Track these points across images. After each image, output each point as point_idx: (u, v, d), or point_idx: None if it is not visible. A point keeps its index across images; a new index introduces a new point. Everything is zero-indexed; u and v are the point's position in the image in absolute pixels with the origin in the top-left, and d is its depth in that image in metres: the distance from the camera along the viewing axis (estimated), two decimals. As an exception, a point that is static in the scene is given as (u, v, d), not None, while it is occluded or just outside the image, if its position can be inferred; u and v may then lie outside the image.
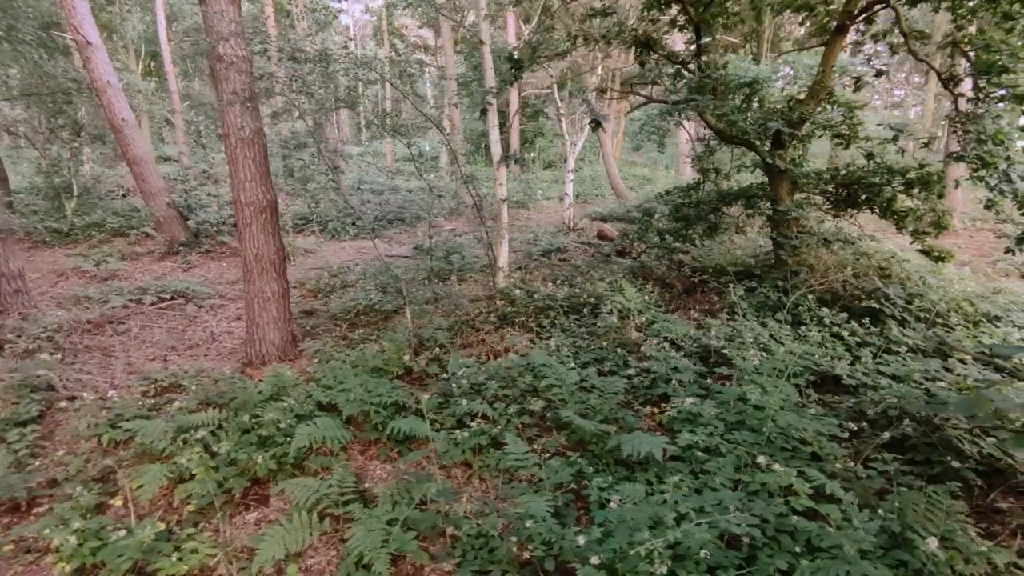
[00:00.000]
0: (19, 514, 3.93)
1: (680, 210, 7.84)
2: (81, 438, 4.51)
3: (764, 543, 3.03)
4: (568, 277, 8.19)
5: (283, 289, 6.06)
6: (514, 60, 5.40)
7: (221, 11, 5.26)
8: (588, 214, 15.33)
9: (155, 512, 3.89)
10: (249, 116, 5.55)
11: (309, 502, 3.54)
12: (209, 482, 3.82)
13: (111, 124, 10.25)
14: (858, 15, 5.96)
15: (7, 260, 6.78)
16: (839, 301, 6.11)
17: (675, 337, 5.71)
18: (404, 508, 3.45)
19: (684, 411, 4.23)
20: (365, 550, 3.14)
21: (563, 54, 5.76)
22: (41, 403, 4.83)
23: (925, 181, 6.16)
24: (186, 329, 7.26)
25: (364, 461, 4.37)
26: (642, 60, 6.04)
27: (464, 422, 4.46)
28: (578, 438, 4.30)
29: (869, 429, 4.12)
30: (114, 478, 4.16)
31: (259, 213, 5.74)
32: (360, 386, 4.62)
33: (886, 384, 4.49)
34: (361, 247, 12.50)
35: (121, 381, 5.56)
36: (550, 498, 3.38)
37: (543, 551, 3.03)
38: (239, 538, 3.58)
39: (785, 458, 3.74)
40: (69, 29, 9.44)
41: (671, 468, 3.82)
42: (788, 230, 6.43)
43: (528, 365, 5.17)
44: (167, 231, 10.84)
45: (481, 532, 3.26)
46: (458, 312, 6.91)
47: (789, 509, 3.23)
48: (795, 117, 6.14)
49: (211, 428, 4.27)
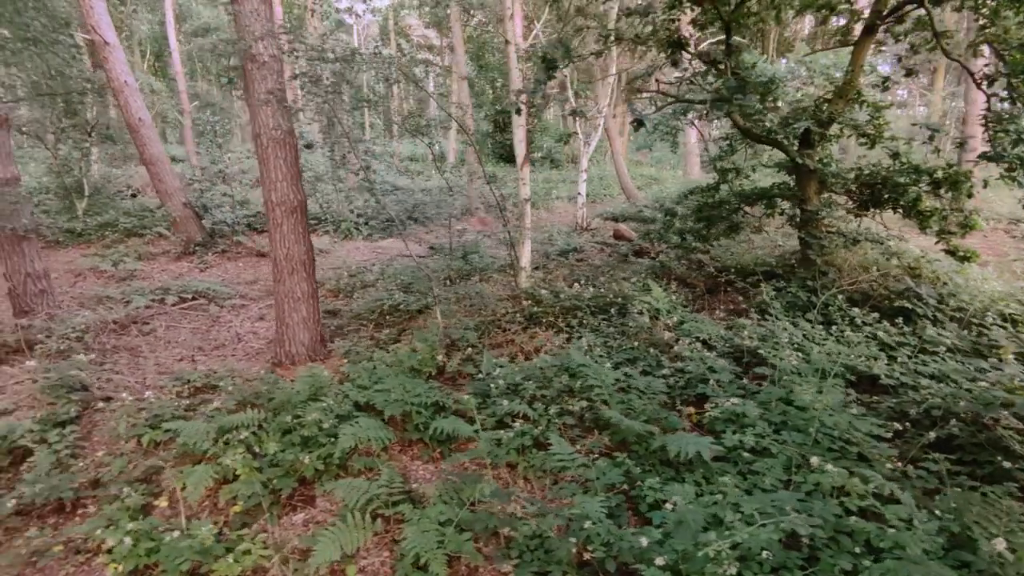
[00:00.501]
0: (64, 515, 3.93)
1: (703, 210, 7.83)
2: (121, 439, 4.50)
3: (824, 543, 3.03)
4: (590, 277, 8.18)
5: (312, 289, 6.05)
6: (547, 60, 5.40)
7: (255, 11, 5.25)
8: (599, 214, 15.33)
9: (200, 513, 3.89)
10: (281, 116, 5.54)
11: (360, 503, 3.52)
12: (255, 483, 3.82)
13: (128, 124, 10.24)
14: (888, 15, 5.96)
15: (32, 260, 6.78)
16: (868, 301, 6.10)
17: (706, 337, 5.70)
18: (456, 509, 3.44)
19: (727, 411, 4.22)
20: (421, 551, 3.13)
21: (598, 53, 5.75)
22: (78, 404, 4.82)
23: (954, 181, 6.15)
24: (210, 329, 7.25)
25: (407, 461, 4.36)
26: (675, 60, 6.04)
27: (504, 422, 4.45)
28: (620, 439, 4.29)
29: (912, 429, 4.11)
30: (157, 479, 4.15)
31: (290, 213, 5.73)
32: (399, 386, 4.61)
33: (926, 384, 4.48)
34: (375, 247, 12.49)
35: (153, 381, 5.55)
36: (603, 499, 3.38)
37: (603, 552, 3.02)
38: (289, 539, 3.57)
39: (833, 458, 3.73)
40: (87, 29, 9.41)
41: (717, 469, 3.82)
42: (816, 229, 6.42)
43: (562, 365, 5.16)
44: (183, 231, 10.83)
45: (536, 533, 3.25)
46: (484, 312, 6.90)
47: (843, 510, 3.23)
48: (824, 117, 6.13)
49: (252, 429, 4.26)
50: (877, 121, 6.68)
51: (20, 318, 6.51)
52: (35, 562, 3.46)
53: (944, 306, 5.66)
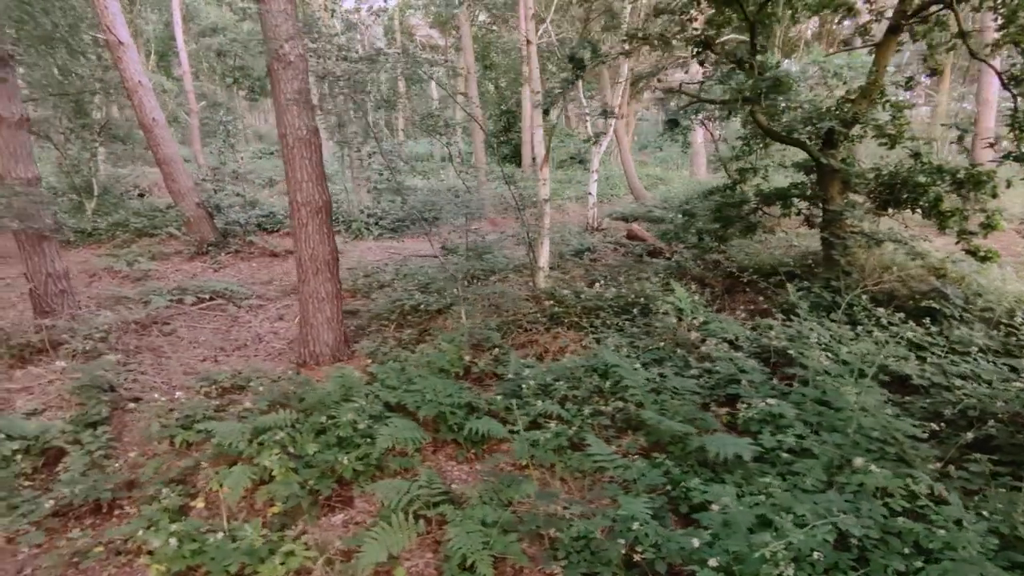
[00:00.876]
0: (101, 516, 3.92)
1: (722, 210, 7.82)
2: (153, 439, 4.50)
3: (873, 544, 3.02)
4: (608, 277, 8.17)
5: (336, 289, 6.04)
6: (575, 59, 5.39)
7: (283, 11, 5.24)
8: (608, 214, 15.31)
9: (238, 514, 3.88)
10: (306, 116, 5.53)
11: (401, 504, 3.52)
12: (292, 484, 3.81)
13: (141, 124, 10.23)
14: (912, 15, 5.96)
15: (52, 260, 6.75)
16: (893, 301, 6.09)
17: (732, 337, 5.69)
18: (497, 510, 3.43)
19: (762, 412, 4.22)
20: (468, 552, 3.12)
21: (627, 54, 5.74)
22: (109, 404, 4.81)
23: (977, 180, 6.15)
24: (230, 329, 7.25)
25: (441, 462, 4.35)
26: (701, 60, 6.03)
27: (537, 423, 4.44)
28: (654, 439, 4.29)
29: (947, 429, 4.11)
30: (192, 479, 4.15)
31: (315, 213, 5.72)
32: (431, 387, 4.60)
33: (959, 384, 4.47)
34: (386, 247, 12.48)
35: (179, 382, 5.54)
36: (646, 500, 3.37)
37: (653, 553, 3.02)
38: (330, 540, 3.56)
39: (873, 459, 3.72)
40: (102, 29, 9.40)
41: (755, 469, 3.81)
42: (840, 229, 6.41)
43: (591, 366, 5.16)
44: (196, 231, 10.82)
45: (582, 534, 3.25)
46: (504, 312, 6.89)
47: (888, 510, 3.22)
48: (849, 117, 6.13)
49: (287, 429, 4.25)
50: (899, 121, 6.67)
51: (42, 318, 6.49)
52: (77, 563, 3.45)
53: (971, 306, 5.66)
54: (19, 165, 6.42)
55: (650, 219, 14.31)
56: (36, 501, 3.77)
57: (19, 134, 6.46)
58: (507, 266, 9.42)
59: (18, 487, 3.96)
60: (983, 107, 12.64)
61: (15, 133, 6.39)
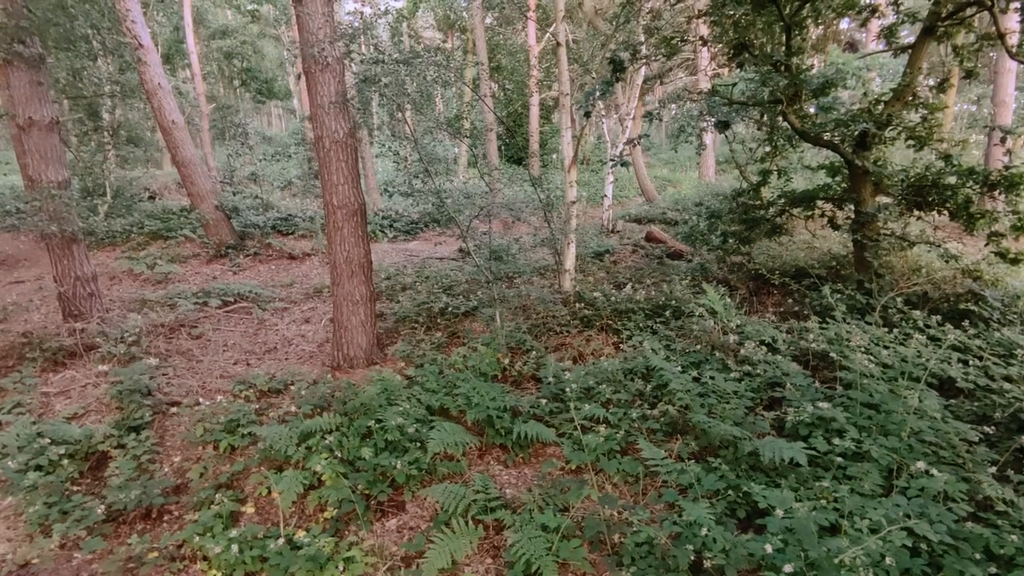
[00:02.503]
0: (150, 521, 3.90)
1: (748, 212, 7.80)
2: (197, 444, 4.47)
3: (943, 550, 3.00)
4: (633, 279, 8.15)
5: (370, 292, 6.02)
6: (615, 62, 5.36)
7: (322, 13, 5.22)
8: (621, 216, 15.28)
9: (290, 520, 3.86)
10: (343, 119, 5.52)
11: (459, 509, 3.49)
12: (344, 488, 3.78)
13: (161, 126, 10.21)
14: (947, 17, 5.93)
15: (81, 264, 6.74)
16: (928, 304, 6.07)
17: (769, 340, 5.66)
18: (557, 516, 3.41)
19: (812, 416, 4.19)
20: (532, 558, 3.10)
21: (669, 55, 5.74)
22: (150, 408, 4.78)
23: (1011, 182, 6.12)
24: (257, 332, 7.22)
25: (488, 466, 4.32)
26: (740, 62, 6.02)
27: (583, 427, 4.41)
28: (704, 444, 4.27)
29: (997, 433, 4.08)
30: (240, 484, 4.13)
31: (351, 216, 5.70)
32: (475, 391, 4.58)
33: (1009, 388, 4.44)
34: (402, 249, 12.46)
35: (215, 386, 5.52)
36: (707, 505, 3.35)
37: (723, 559, 2.99)
38: (386, 546, 3.54)
39: (929, 463, 3.70)
40: (124, 32, 9.39)
41: (809, 474, 3.79)
42: (872, 231, 6.39)
43: (633, 368, 5.13)
44: (215, 234, 10.80)
45: (647, 539, 3.22)
46: (533, 315, 6.87)
47: (952, 515, 3.19)
48: (883, 118, 6.10)
49: (335, 434, 4.22)
50: (930, 123, 6.64)
51: (72, 321, 6.48)
52: (133, 569, 3.43)
53: (1010, 309, 5.63)
54: (50, 168, 6.41)
55: (665, 221, 14.29)
56: (86, 507, 3.75)
57: (50, 137, 6.45)
58: (529, 268, 9.39)
59: (67, 492, 3.93)
60: (999, 108, 12.61)
61: (46, 136, 6.38)
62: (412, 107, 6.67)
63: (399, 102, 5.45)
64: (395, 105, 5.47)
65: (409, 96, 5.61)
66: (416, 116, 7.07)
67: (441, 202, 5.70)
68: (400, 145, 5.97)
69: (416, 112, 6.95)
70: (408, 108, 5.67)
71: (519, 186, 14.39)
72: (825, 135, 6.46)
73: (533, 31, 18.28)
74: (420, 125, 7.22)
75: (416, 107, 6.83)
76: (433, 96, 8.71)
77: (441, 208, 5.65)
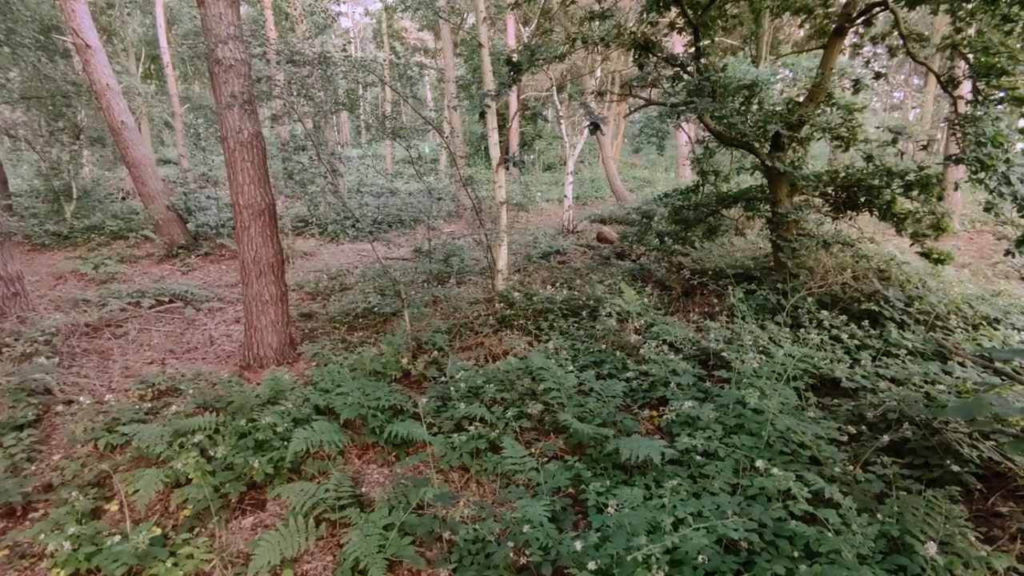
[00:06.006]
0: (14, 519, 3.92)
1: (679, 212, 7.83)
2: (78, 442, 4.50)
3: (762, 548, 3.02)
4: (567, 280, 8.18)
5: (281, 292, 6.04)
6: (513, 63, 5.38)
7: (220, 14, 5.26)
8: (587, 216, 15.32)
9: (151, 517, 3.88)
10: (248, 119, 5.55)
11: (306, 507, 3.52)
12: (205, 487, 3.81)
13: (110, 127, 10.25)
14: (856, 17, 5.96)
15: (5, 263, 6.77)
16: (838, 304, 6.09)
17: (674, 340, 5.69)
18: (401, 513, 3.43)
19: (683, 415, 4.22)
20: (361, 555, 3.12)
21: (561, 57, 5.75)
22: (38, 407, 4.82)
23: (924, 183, 6.15)
24: (184, 332, 7.25)
25: (361, 465, 4.35)
26: (641, 63, 6.03)
27: (462, 426, 4.44)
28: (576, 442, 4.29)
29: (868, 432, 4.10)
30: (110, 483, 4.15)
31: (258, 216, 5.73)
32: (358, 389, 4.60)
33: (885, 387, 4.47)
34: (360, 249, 12.49)
35: (118, 385, 5.55)
36: (547, 503, 3.37)
37: (540, 556, 3.01)
38: (235, 543, 3.56)
39: (784, 462, 3.72)
40: (69, 32, 9.44)
41: (669, 472, 3.80)
42: (788, 232, 6.41)
43: (526, 368, 5.16)
44: (166, 234, 10.84)
45: (478, 537, 3.24)
46: (457, 315, 6.89)
47: (787, 513, 3.21)
48: (794, 119, 6.13)
49: (208, 432, 4.25)
50: (850, 123, 6.67)
51: (-7, 321, 6.51)
52: (-22, 566, 3.45)
53: (911, 309, 5.65)
54: (-31, 168, 6.44)
55: (627, 222, 14.31)
56: (-55, 504, 3.77)
57: (-30, 137, 6.48)
58: (472, 269, 9.42)
59: (-68, 490, 3.95)
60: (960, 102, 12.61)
61: (-35, 136, 6.42)
62: (340, 108, 6.71)
63: (293, 102, 5.48)
64: (291, 106, 5.49)
65: (311, 99, 5.63)
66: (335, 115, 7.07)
67: (343, 204, 5.71)
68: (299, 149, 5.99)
69: (350, 112, 6.98)
70: (307, 109, 5.69)
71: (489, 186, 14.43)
72: (743, 137, 6.49)
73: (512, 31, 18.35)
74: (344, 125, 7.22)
75: (348, 108, 6.86)
76: (360, 96, 8.72)
77: (344, 210, 5.65)
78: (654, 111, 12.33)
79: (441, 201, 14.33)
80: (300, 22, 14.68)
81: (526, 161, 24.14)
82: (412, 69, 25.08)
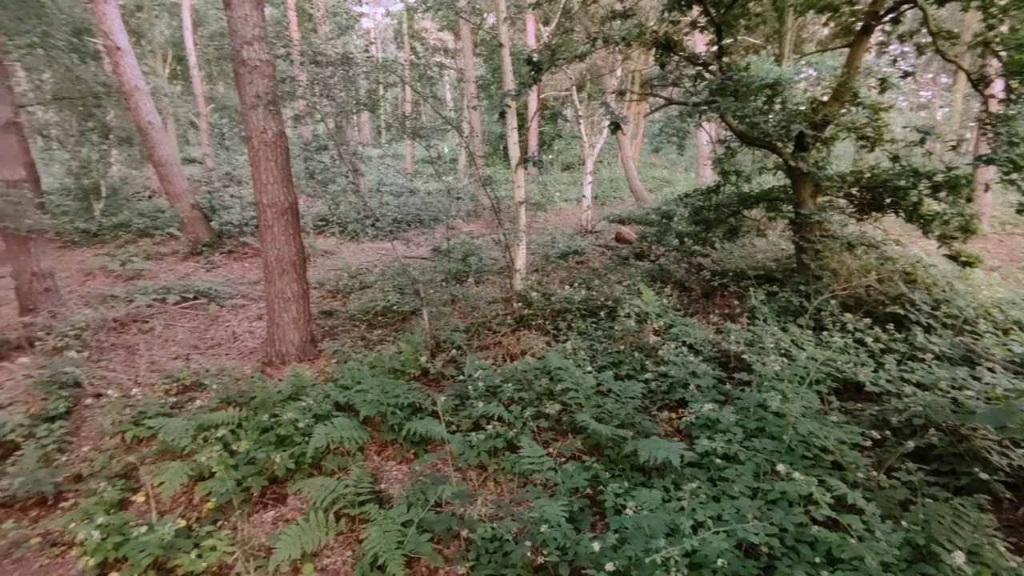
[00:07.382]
0: (46, 508, 4.04)
1: (700, 213, 7.76)
2: (106, 434, 4.61)
3: (783, 552, 2.99)
4: (585, 280, 8.16)
5: (303, 290, 6.12)
6: (533, 63, 5.39)
7: (245, 16, 5.35)
8: (606, 216, 15.25)
9: (176, 509, 3.97)
10: (272, 119, 5.63)
11: (326, 502, 3.56)
12: (228, 480, 3.88)
13: (138, 127, 10.48)
14: (884, 15, 5.85)
15: (38, 260, 6.96)
16: (863, 307, 5.98)
17: (693, 342, 5.65)
18: (419, 510, 3.46)
19: (702, 417, 4.18)
20: (380, 551, 3.15)
21: (582, 56, 5.73)
22: (68, 399, 4.95)
23: (953, 184, 6.01)
24: (208, 328, 7.38)
25: (380, 462, 4.39)
26: (662, 62, 5.99)
27: (480, 424, 4.46)
28: (594, 443, 4.28)
29: (892, 438, 4.03)
30: (137, 474, 4.25)
31: (280, 215, 5.81)
32: (377, 387, 4.65)
33: (911, 392, 4.38)
34: (380, 248, 12.60)
35: (144, 379, 5.67)
36: (565, 503, 3.37)
37: (558, 556, 3.02)
38: (256, 536, 3.63)
39: (806, 466, 3.67)
40: (100, 35, 9.67)
41: (688, 475, 3.78)
42: (811, 233, 6.32)
43: (544, 368, 5.16)
44: (191, 232, 11.05)
45: (496, 535, 3.26)
46: (475, 314, 6.92)
47: (809, 518, 3.17)
48: (818, 119, 6.03)
49: (231, 427, 4.33)
50: (876, 123, 6.55)
51: (25, 316, 6.70)
52: (12, 553, 3.56)
53: (938, 312, 5.53)
54: (4, 168, 6.63)
55: (647, 222, 14.20)
56: (-19, 493, 3.90)
57: (6, 137, 6.68)
58: (490, 268, 9.45)
59: (-32, 479, 4.09)
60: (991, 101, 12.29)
61: (2, 136, 6.61)
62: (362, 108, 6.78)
63: (315, 103, 5.55)
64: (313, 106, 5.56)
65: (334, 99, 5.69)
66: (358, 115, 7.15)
67: (364, 204, 5.77)
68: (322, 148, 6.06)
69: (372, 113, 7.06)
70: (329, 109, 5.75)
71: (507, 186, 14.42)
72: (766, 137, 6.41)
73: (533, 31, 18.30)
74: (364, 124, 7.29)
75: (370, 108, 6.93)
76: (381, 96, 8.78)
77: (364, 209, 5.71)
78: (674, 110, 12.22)
79: (460, 200, 14.37)
80: (323, 23, 14.85)
81: (545, 161, 24.11)
82: (432, 69, 25.16)
